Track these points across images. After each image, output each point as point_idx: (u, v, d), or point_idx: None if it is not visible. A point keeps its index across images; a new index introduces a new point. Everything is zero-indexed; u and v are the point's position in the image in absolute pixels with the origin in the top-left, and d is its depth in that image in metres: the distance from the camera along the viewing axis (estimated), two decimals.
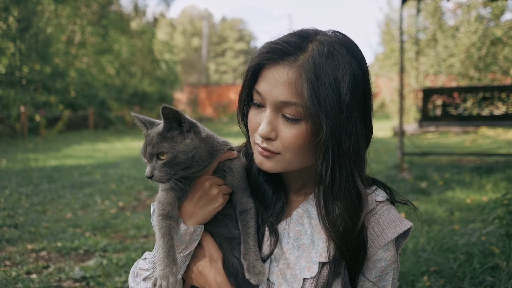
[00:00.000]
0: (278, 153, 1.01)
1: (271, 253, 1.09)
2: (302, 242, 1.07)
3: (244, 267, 1.06)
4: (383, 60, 17.01)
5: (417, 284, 2.79)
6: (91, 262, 3.45)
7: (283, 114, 0.98)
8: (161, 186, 1.11)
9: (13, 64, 16.13)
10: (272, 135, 0.99)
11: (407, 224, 1.07)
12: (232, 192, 1.13)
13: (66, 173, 7.72)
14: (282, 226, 1.12)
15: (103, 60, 21.70)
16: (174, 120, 1.01)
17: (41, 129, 14.74)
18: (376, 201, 1.09)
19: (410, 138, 11.02)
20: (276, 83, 0.96)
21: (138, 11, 27.39)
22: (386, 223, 1.06)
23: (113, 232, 4.29)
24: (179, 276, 1.10)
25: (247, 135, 1.14)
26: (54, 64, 18.25)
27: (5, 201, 5.55)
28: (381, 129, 16.83)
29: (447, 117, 7.18)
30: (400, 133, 7.26)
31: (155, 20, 29.15)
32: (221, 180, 1.12)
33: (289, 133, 0.98)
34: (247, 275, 1.04)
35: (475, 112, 7.07)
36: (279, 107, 0.98)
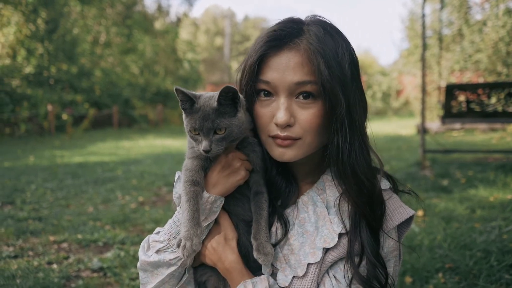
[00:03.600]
0: (298, 139, 1.02)
1: (279, 241, 1.10)
2: (306, 229, 1.09)
3: (254, 246, 1.07)
4: (407, 57, 16.66)
5: (431, 280, 2.75)
6: (109, 254, 3.54)
7: (296, 98, 1.01)
8: (187, 154, 1.14)
9: (42, 64, 16.67)
10: (292, 121, 1.00)
11: (410, 212, 1.08)
12: (251, 171, 1.15)
13: (89, 169, 7.93)
14: (287, 214, 1.14)
15: (127, 59, 22.16)
16: (230, 97, 1.03)
17: (68, 127, 15.17)
18: None
19: (433, 135, 10.78)
20: (287, 68, 0.99)
21: (162, 11, 27.79)
22: (389, 210, 1.08)
23: (132, 226, 4.38)
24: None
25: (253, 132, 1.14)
26: (80, 64, 18.76)
27: (31, 195, 5.75)
28: (405, 127, 16.54)
29: (471, 114, 6.97)
30: (422, 130, 7.11)
31: (178, 20, 29.49)
32: (244, 155, 1.13)
33: (307, 114, 1.00)
34: (255, 255, 1.05)
35: (500, 108, 6.84)
36: (293, 90, 1.00)
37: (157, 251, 1.13)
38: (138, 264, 1.17)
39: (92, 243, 3.86)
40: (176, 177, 1.20)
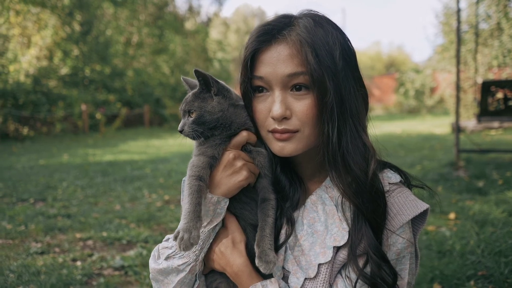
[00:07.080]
0: (296, 131, 1.01)
1: (285, 241, 1.08)
2: (316, 229, 1.06)
3: (256, 254, 1.03)
4: (441, 53, 16.07)
5: None
6: (131, 252, 3.57)
7: (291, 90, 1.00)
8: (194, 152, 1.13)
9: (77, 65, 17.21)
10: (287, 113, 1.00)
11: (423, 206, 1.03)
12: (258, 176, 1.12)
13: (119, 168, 8.10)
14: (296, 215, 1.11)
15: (158, 59, 22.55)
16: (204, 83, 1.08)
17: (101, 126, 15.61)
18: (389, 183, 1.06)
19: (469, 134, 10.34)
20: (278, 61, 0.99)
21: (193, 11, 28.11)
22: (400, 205, 1.03)
23: (156, 224, 4.41)
24: (202, 255, 1.09)
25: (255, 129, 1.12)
26: (113, 64, 19.25)
27: (62, 192, 5.92)
28: (439, 125, 15.99)
29: (510, 112, 6.60)
30: (456, 128, 6.81)
31: (209, 19, 29.76)
32: (248, 157, 1.11)
33: (302, 105, 0.99)
34: (257, 262, 1.02)
35: None
36: (286, 83, 1.00)
37: (166, 258, 1.11)
38: (150, 274, 1.15)
39: (116, 241, 3.90)
40: (182, 181, 1.17)
